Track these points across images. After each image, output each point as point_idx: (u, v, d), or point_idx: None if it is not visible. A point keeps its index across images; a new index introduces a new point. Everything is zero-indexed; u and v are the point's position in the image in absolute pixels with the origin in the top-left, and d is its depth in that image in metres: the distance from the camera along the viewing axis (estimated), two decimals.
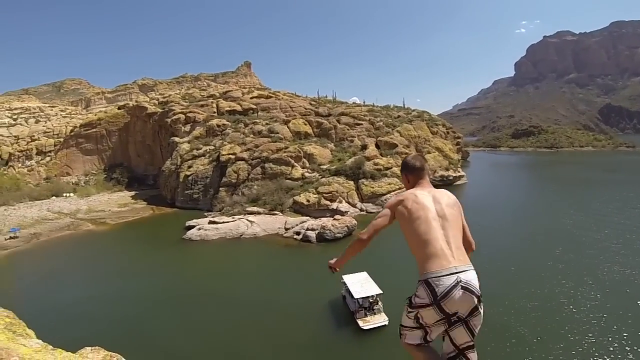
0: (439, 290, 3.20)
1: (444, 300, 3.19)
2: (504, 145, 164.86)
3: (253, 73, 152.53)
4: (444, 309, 3.22)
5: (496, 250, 38.78)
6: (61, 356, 4.16)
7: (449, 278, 3.21)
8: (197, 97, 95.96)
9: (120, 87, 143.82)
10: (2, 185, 76.77)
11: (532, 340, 22.86)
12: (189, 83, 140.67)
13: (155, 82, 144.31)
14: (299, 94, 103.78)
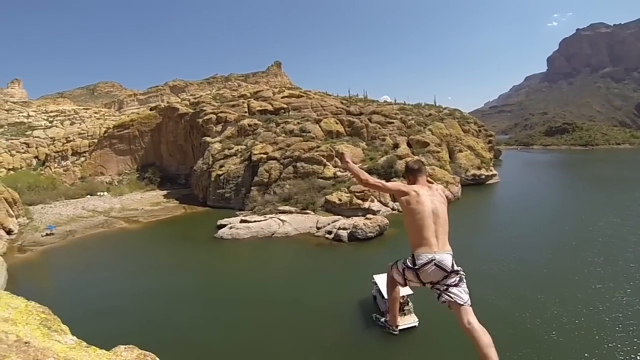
0: (418, 262, 4.47)
1: (420, 270, 4.46)
2: (537, 143, 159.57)
3: (283, 73, 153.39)
4: (420, 277, 4.52)
5: (528, 252, 37.30)
6: (95, 354, 4.11)
7: (427, 257, 4.44)
8: (228, 97, 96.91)
9: (151, 88, 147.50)
10: (39, 184, 78.97)
11: (562, 346, 21.79)
12: (219, 83, 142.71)
13: (186, 83, 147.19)
14: (329, 93, 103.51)
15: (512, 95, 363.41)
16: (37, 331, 4.05)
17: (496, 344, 12.74)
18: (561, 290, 28.37)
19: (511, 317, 25.23)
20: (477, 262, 36.43)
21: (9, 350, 3.24)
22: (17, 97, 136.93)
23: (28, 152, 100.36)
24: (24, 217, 58.14)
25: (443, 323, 25.77)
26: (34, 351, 3.38)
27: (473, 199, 64.67)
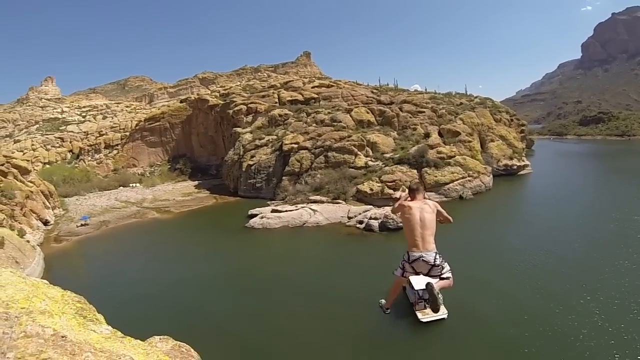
0: (411, 258, 6.41)
1: (413, 263, 6.43)
2: (571, 133, 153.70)
3: (313, 63, 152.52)
4: (414, 268, 6.50)
5: (559, 246, 35.75)
6: (130, 344, 4.11)
7: (416, 255, 6.36)
8: (257, 88, 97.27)
9: (181, 81, 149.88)
10: (74, 177, 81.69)
11: (592, 345, 20.82)
12: (249, 75, 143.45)
13: (216, 75, 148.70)
14: (360, 82, 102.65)
15: (545, 84, 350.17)
16: (73, 320, 4.10)
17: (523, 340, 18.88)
18: (593, 288, 27.17)
19: (539, 313, 24.53)
20: (506, 254, 35.68)
21: (45, 345, 3.25)
22: (51, 94, 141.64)
23: (63, 146, 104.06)
24: (60, 209, 60.03)
25: (472, 316, 25.29)
26: (71, 345, 3.40)
27: (504, 189, 63.23)
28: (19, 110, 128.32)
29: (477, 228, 45.77)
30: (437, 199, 58.84)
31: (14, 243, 38.23)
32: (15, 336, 3.22)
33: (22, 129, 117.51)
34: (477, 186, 61.45)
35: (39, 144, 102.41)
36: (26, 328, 3.39)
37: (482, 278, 30.64)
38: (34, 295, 4.20)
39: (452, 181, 60.46)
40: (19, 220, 45.73)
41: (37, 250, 40.98)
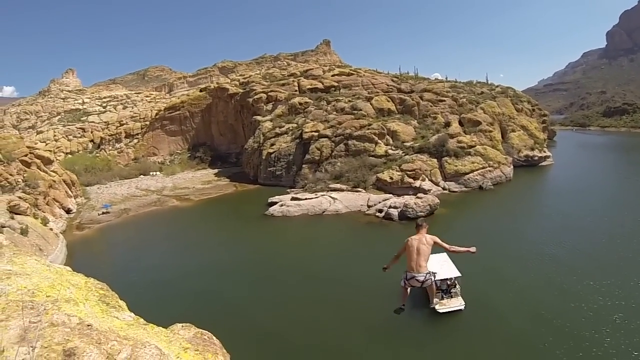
0: (407, 276, 8.54)
1: (408, 281, 8.56)
2: (594, 124, 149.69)
3: (333, 51, 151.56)
4: (410, 284, 8.64)
5: (580, 241, 35.18)
6: (153, 331, 4.20)
7: (409, 275, 8.53)
8: (277, 77, 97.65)
9: (201, 70, 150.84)
10: (95, 166, 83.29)
11: (611, 343, 20.46)
12: (268, 63, 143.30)
13: (235, 63, 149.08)
14: (380, 71, 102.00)
15: (568, 73, 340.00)
16: (97, 307, 4.19)
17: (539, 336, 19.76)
18: (613, 285, 26.64)
19: (556, 309, 24.32)
20: (525, 247, 35.30)
21: (71, 334, 3.29)
22: (72, 86, 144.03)
23: (84, 136, 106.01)
24: (82, 197, 61.44)
25: (489, 308, 25.43)
26: (97, 334, 3.45)
27: (525, 181, 62.35)
28: (41, 102, 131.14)
29: (496, 219, 45.54)
30: (457, 188, 58.68)
31: (38, 231, 39.42)
32: (42, 325, 3.28)
33: (44, 121, 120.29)
34: (497, 177, 60.89)
35: (61, 135, 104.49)
36: (52, 317, 3.46)
37: (500, 270, 30.60)
38: (59, 283, 4.31)
39: (472, 171, 60.07)
40: (42, 209, 46.95)
41: (59, 238, 42.11)
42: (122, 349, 3.40)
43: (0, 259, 4.61)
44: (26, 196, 45.39)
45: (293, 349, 22.54)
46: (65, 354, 3.03)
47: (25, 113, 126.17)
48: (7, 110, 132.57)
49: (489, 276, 29.55)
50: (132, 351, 3.42)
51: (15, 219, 39.06)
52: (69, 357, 3.01)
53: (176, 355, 3.82)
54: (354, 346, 21.93)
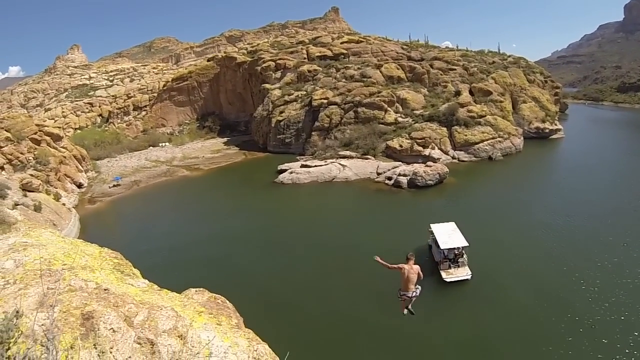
0: (400, 293, 11.94)
1: (401, 295, 11.97)
2: (608, 99, 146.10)
3: (341, 18, 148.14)
4: (403, 297, 12.04)
5: (586, 219, 34.75)
6: (168, 296, 4.29)
7: (403, 292, 11.90)
8: (286, 45, 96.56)
9: (208, 40, 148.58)
10: (104, 140, 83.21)
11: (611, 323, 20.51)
12: (276, 31, 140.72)
13: (243, 32, 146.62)
14: (389, 38, 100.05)
15: (583, 45, 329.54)
16: (112, 275, 4.27)
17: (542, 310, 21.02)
18: (618, 264, 26.50)
19: (560, 284, 24.53)
20: (532, 221, 35.20)
21: (89, 298, 3.35)
22: (78, 62, 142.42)
23: (92, 111, 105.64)
24: (92, 171, 61.80)
25: (495, 278, 25.76)
26: (114, 298, 3.54)
27: (535, 153, 61.68)
28: (48, 79, 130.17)
29: (504, 191, 45.47)
30: (466, 158, 58.60)
31: (51, 207, 40.14)
32: (60, 291, 3.34)
33: (51, 98, 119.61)
34: (507, 147, 60.49)
35: (69, 111, 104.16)
36: (70, 282, 3.55)
37: (506, 241, 30.80)
38: (74, 252, 4.42)
39: (482, 141, 59.71)
40: (54, 185, 47.53)
41: (72, 212, 42.86)
42: (139, 311, 3.53)
43: (16, 233, 4.68)
44: (38, 173, 46.02)
45: (302, 314, 23.11)
46: (84, 317, 3.08)
47: (32, 92, 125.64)
48: (14, 90, 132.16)
49: (495, 247, 29.79)
50: (148, 313, 3.56)
51: (29, 196, 39.74)
52: (88, 321, 3.06)
53: (191, 319, 3.88)
54: (361, 312, 22.32)
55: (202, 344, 3.50)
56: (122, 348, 3.01)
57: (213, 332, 3.81)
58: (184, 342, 3.44)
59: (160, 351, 3.20)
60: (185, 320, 3.68)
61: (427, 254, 29.78)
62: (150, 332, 3.32)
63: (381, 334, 20.04)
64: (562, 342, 19.49)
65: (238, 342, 3.84)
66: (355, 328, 21.34)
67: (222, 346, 3.63)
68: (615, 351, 18.64)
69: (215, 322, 4.08)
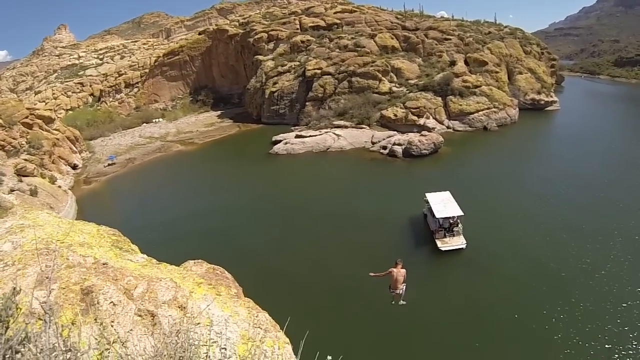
0: (391, 290, 14.83)
1: (392, 292, 14.85)
2: (604, 73, 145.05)
3: None
4: (393, 294, 14.98)
5: (577, 192, 34.92)
6: (166, 269, 4.25)
7: (392, 290, 14.76)
8: (278, 15, 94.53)
9: (198, 13, 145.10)
10: (97, 119, 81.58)
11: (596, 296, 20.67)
12: (268, 2, 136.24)
13: (234, 4, 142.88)
14: (384, 8, 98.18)
15: (581, 18, 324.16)
16: (110, 252, 4.23)
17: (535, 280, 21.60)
18: (609, 237, 26.58)
19: (553, 256, 24.66)
20: (527, 191, 35.41)
21: (87, 273, 3.33)
22: (66, 42, 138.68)
23: (83, 91, 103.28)
24: (86, 152, 60.74)
25: (489, 247, 25.95)
26: (112, 271, 3.50)
27: (530, 124, 61.54)
28: (36, 62, 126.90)
29: (499, 161, 45.62)
30: (461, 128, 58.54)
31: (47, 190, 39.87)
32: (58, 268, 3.31)
33: (41, 80, 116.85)
34: (502, 118, 60.41)
35: (59, 92, 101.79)
36: (68, 259, 3.52)
37: (500, 211, 31.00)
38: (71, 231, 4.38)
39: (477, 111, 59.58)
40: (49, 168, 46.96)
41: (69, 194, 42.54)
42: (139, 284, 3.51)
43: (13, 216, 4.60)
44: (32, 157, 45.43)
45: (301, 282, 23.34)
46: (83, 292, 3.08)
47: (21, 75, 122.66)
48: (2, 75, 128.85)
49: (489, 216, 30.02)
50: (148, 285, 3.54)
51: (24, 181, 39.49)
52: (87, 295, 3.06)
53: (190, 290, 3.89)
54: (358, 280, 22.26)
55: (203, 314, 3.54)
56: (123, 321, 3.02)
57: (213, 302, 3.86)
58: (185, 312, 3.46)
59: (161, 322, 3.22)
60: (184, 291, 3.71)
61: (422, 222, 30.07)
62: (151, 304, 3.35)
63: (378, 300, 20.29)
64: (554, 311, 19.82)
65: (238, 312, 3.89)
66: (353, 295, 21.59)
67: (222, 316, 3.67)
68: (604, 321, 18.98)
69: (215, 293, 4.12)
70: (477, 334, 18.60)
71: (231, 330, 3.48)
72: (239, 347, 3.31)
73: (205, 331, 3.23)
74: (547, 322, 19.21)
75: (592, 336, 18.18)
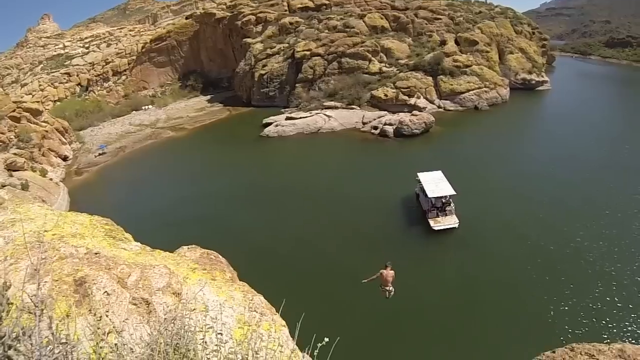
0: (382, 288, 15.66)
1: (383, 288, 15.64)
2: (595, 53, 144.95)
3: None
4: (383, 289, 15.70)
5: (568, 172, 35.03)
6: (160, 256, 4.23)
7: (383, 288, 15.62)
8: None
9: None
10: (85, 109, 79.81)
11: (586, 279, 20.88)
12: None
13: None
14: None
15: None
16: (104, 242, 4.17)
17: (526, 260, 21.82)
18: (596, 218, 26.72)
19: (542, 234, 24.82)
20: (518, 171, 35.49)
21: (80, 264, 3.29)
22: (50, 32, 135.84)
23: (70, 81, 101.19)
24: (76, 142, 59.76)
25: (482, 226, 26.14)
26: (105, 260, 3.47)
27: (521, 104, 61.57)
28: (20, 54, 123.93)
29: (490, 140, 45.56)
30: (452, 107, 58.53)
31: (38, 184, 39.47)
32: (50, 260, 3.27)
33: (26, 72, 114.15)
34: (493, 98, 60.41)
35: (46, 84, 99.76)
36: (60, 251, 3.47)
37: (493, 191, 31.11)
38: (63, 222, 4.32)
39: (468, 90, 59.52)
40: (39, 161, 46.33)
41: (60, 186, 42.21)
42: (132, 272, 3.49)
43: (4, 211, 4.54)
44: (21, 151, 44.78)
45: (294, 265, 23.38)
46: (77, 283, 3.04)
47: (5, 68, 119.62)
48: None
49: (481, 195, 30.10)
50: (141, 273, 3.52)
51: (14, 176, 39.07)
52: (81, 286, 3.02)
53: (185, 276, 3.88)
54: (352, 261, 22.53)
55: (198, 299, 3.55)
56: (117, 310, 3.00)
57: (208, 287, 3.87)
58: (179, 299, 3.47)
59: (156, 310, 3.22)
60: (178, 277, 3.72)
61: (414, 202, 30.13)
62: (145, 292, 3.35)
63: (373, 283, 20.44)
64: (545, 289, 20.11)
65: (233, 296, 3.91)
66: (347, 276, 21.48)
67: (217, 300, 3.69)
68: (595, 298, 19.29)
69: (210, 277, 4.14)
70: (470, 313, 18.84)
71: (227, 315, 3.51)
72: (235, 332, 3.34)
73: (200, 317, 3.25)
74: (539, 299, 19.51)
75: (583, 313, 18.52)
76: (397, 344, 17.42)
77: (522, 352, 5.87)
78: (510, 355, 15.28)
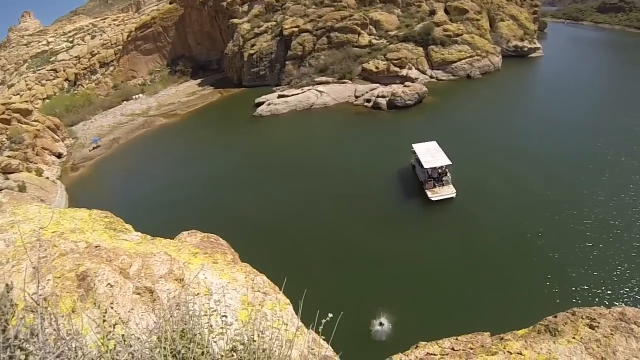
0: None
1: None
2: (587, 19, 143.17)
3: None
4: None
5: (563, 133, 35.51)
6: (161, 244, 4.20)
7: None
8: None
9: None
10: (75, 104, 78.87)
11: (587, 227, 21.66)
12: None
13: None
14: None
15: None
16: (105, 235, 4.16)
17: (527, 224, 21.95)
18: (595, 180, 27.15)
19: (542, 198, 25.12)
20: (513, 138, 35.74)
21: (81, 258, 3.27)
22: (32, 29, 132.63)
23: (57, 77, 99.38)
24: (69, 138, 59.26)
25: (479, 196, 26.28)
26: (106, 252, 3.45)
27: (514, 71, 61.20)
28: (4, 54, 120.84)
29: (484, 108, 45.46)
30: (445, 77, 58.29)
31: (35, 184, 39.39)
32: (51, 258, 3.25)
33: (12, 73, 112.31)
34: (485, 66, 60.00)
35: (33, 82, 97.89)
36: (60, 247, 3.46)
37: (488, 158, 31.28)
38: (62, 219, 4.31)
39: (460, 59, 59.07)
40: (33, 161, 45.98)
41: (57, 184, 42.06)
42: (133, 261, 3.49)
43: (3, 214, 4.53)
44: (14, 153, 44.43)
45: (294, 242, 23.51)
46: (79, 278, 3.04)
47: None
48: None
49: (476, 164, 30.24)
50: (142, 262, 3.52)
51: (10, 178, 38.91)
52: (83, 281, 3.02)
53: (187, 261, 3.87)
54: (353, 235, 22.73)
55: (201, 283, 3.55)
56: (122, 301, 3.02)
57: (210, 271, 3.87)
58: (182, 284, 3.46)
59: (160, 297, 3.23)
60: (179, 263, 3.73)
61: (411, 173, 30.23)
62: (148, 280, 3.35)
63: (373, 255, 20.61)
64: (544, 253, 20.48)
65: (236, 277, 3.91)
66: (349, 251, 21.87)
67: (220, 283, 3.69)
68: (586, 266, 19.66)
69: (212, 261, 4.13)
70: (473, 279, 19.14)
71: (231, 297, 3.53)
72: (240, 313, 3.36)
73: (204, 301, 3.25)
74: (537, 264, 19.85)
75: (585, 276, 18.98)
76: (401, 312, 17.59)
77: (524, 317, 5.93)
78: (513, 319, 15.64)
